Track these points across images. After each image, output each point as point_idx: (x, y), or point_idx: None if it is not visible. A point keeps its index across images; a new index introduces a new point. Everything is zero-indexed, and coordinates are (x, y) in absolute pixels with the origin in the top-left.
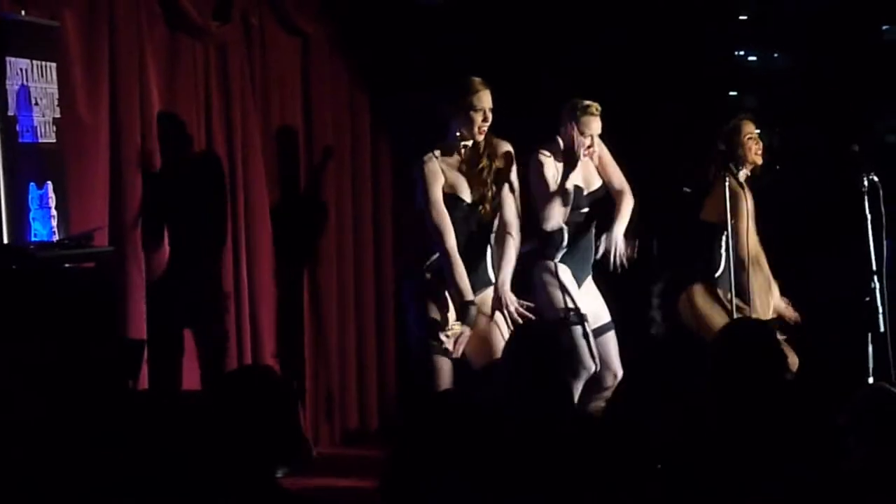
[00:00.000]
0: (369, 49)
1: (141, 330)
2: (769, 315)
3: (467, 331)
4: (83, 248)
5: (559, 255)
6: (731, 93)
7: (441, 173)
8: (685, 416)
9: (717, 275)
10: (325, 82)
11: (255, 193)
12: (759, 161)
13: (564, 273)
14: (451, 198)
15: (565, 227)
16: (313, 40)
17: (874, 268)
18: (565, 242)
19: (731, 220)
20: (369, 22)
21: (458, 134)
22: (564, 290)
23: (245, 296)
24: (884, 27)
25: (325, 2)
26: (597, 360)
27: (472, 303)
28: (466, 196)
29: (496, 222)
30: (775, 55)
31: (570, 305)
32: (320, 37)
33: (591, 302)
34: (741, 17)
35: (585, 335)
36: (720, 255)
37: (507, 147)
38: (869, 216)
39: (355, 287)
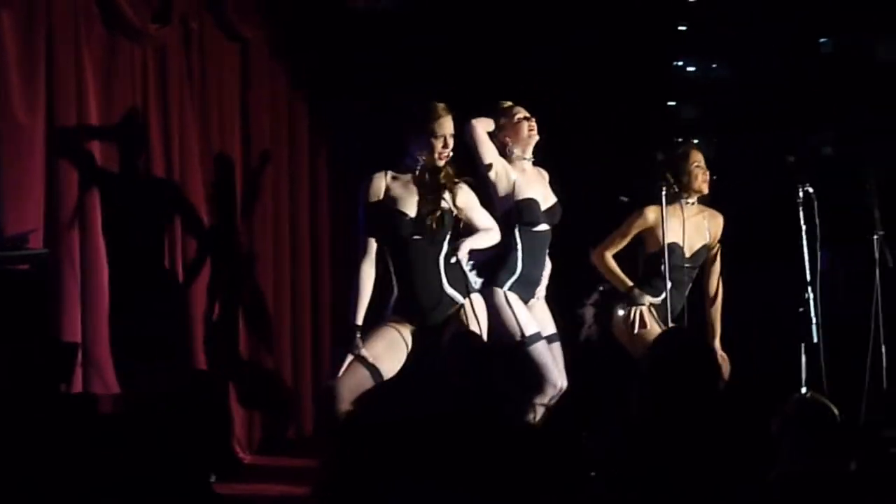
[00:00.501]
0: (308, 54)
1: (75, 333)
2: None
3: (349, 357)
4: (18, 250)
5: (509, 283)
6: (670, 103)
7: (382, 192)
8: (620, 425)
9: (658, 300)
10: (264, 87)
11: (193, 196)
12: (705, 190)
13: (515, 300)
14: (395, 213)
15: (520, 254)
16: (253, 45)
17: (808, 278)
18: (519, 270)
19: (666, 241)
20: (309, 27)
21: (416, 158)
22: (517, 315)
23: (181, 300)
24: (821, 40)
25: (265, 7)
26: (563, 375)
27: (357, 327)
28: (411, 211)
29: (446, 245)
30: (713, 66)
31: (526, 330)
32: (260, 41)
33: (537, 313)
34: (680, 28)
35: (547, 351)
36: (661, 281)
37: (465, 188)
38: (804, 227)
39: (292, 292)
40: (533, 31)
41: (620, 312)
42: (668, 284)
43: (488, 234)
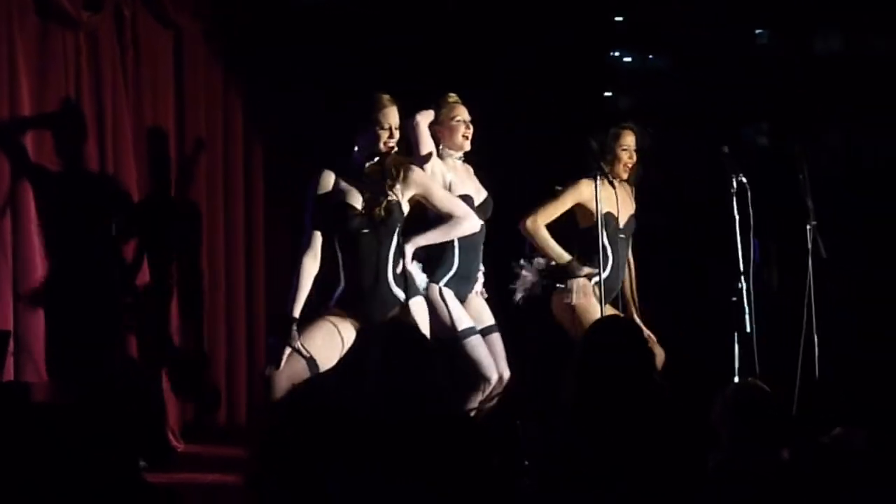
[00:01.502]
0: (244, 43)
1: (7, 321)
2: None
3: (287, 349)
4: None
5: (446, 279)
6: (606, 94)
7: (331, 186)
8: (553, 412)
9: (604, 277)
10: (199, 75)
11: (126, 185)
12: (624, 176)
13: (450, 296)
14: (344, 206)
15: (457, 249)
16: (187, 34)
17: (741, 268)
18: (455, 266)
19: (601, 218)
20: (245, 17)
21: (363, 150)
22: (451, 311)
23: (115, 288)
24: (757, 31)
25: None
26: (498, 370)
27: (294, 320)
28: (359, 205)
29: (395, 240)
30: (650, 56)
31: (459, 325)
32: (195, 30)
33: (473, 306)
34: (616, 19)
35: (482, 346)
36: (601, 257)
37: (416, 171)
38: (737, 217)
39: (226, 284)
40: (470, 24)
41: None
42: (610, 256)
43: (450, 226)
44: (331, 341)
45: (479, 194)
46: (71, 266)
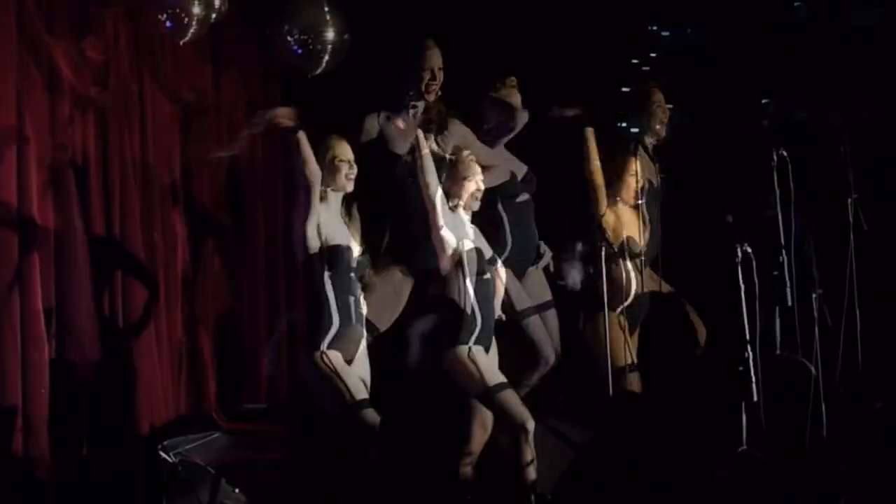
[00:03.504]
0: None
1: (49, 298)
2: None
3: None
4: None
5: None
6: (644, 68)
7: (375, 133)
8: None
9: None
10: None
11: (165, 155)
12: (663, 133)
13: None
14: (388, 154)
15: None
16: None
17: (782, 243)
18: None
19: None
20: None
21: (407, 94)
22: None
23: (157, 268)
24: (796, 4)
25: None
26: (556, 349)
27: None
28: (401, 150)
29: (440, 190)
30: (687, 30)
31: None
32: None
33: (534, 282)
34: None
35: (537, 325)
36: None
37: (458, 124)
38: (778, 191)
39: (266, 260)
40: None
41: None
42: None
43: (490, 173)
44: (383, 301)
45: (521, 170)
46: (110, 239)
